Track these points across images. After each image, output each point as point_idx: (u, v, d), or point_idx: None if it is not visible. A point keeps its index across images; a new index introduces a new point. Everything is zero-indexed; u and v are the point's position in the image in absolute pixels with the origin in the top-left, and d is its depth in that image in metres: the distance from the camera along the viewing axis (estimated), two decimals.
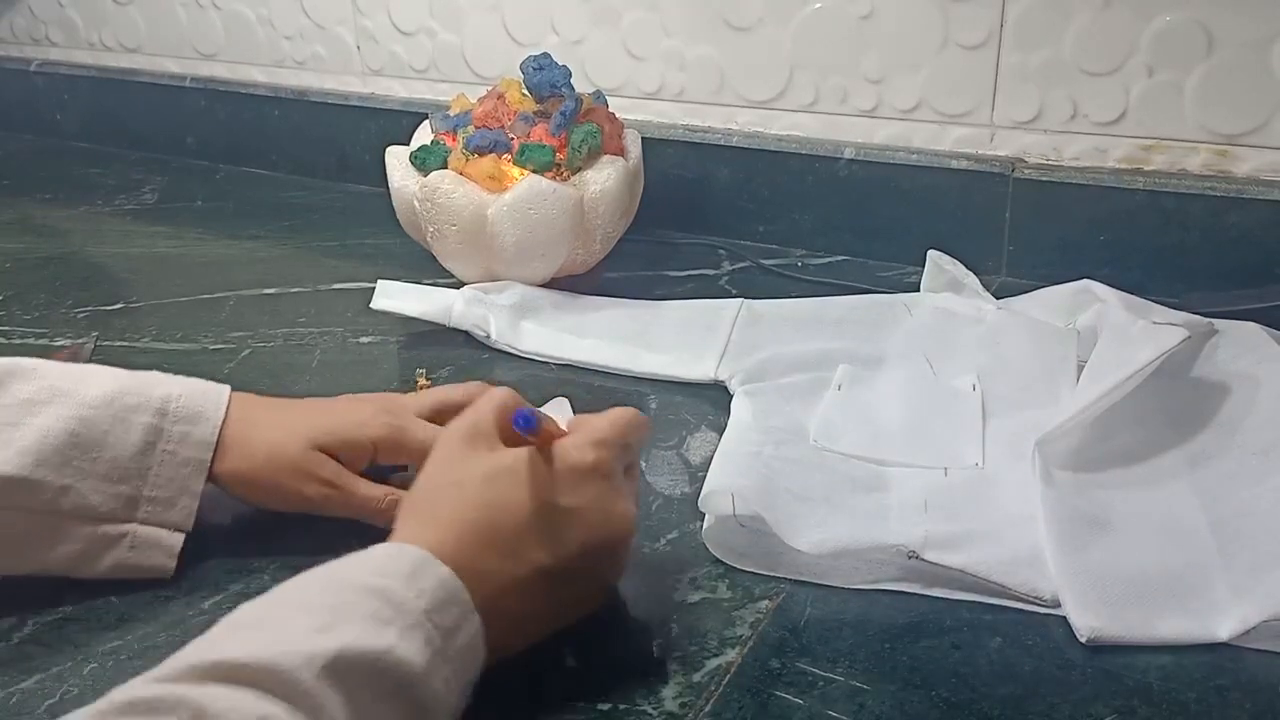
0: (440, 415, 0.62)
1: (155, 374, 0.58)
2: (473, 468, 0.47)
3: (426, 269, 0.90)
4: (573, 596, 0.49)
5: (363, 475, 0.59)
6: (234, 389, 0.59)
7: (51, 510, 0.53)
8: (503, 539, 0.46)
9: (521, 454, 0.48)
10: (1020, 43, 0.86)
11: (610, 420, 0.51)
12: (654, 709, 0.47)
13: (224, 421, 0.57)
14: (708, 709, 0.47)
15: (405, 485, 0.59)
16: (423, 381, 0.67)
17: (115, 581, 0.56)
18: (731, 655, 0.50)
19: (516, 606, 0.46)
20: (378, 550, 0.44)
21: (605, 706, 0.47)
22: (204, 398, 0.57)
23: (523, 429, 0.47)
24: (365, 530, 0.58)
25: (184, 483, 0.56)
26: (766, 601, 0.53)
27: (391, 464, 0.60)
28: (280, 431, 0.57)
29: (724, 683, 0.48)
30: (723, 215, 1.01)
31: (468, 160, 0.83)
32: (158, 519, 0.56)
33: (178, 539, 0.56)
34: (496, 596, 0.44)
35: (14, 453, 0.52)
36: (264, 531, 0.59)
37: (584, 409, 0.70)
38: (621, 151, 0.87)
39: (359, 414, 0.59)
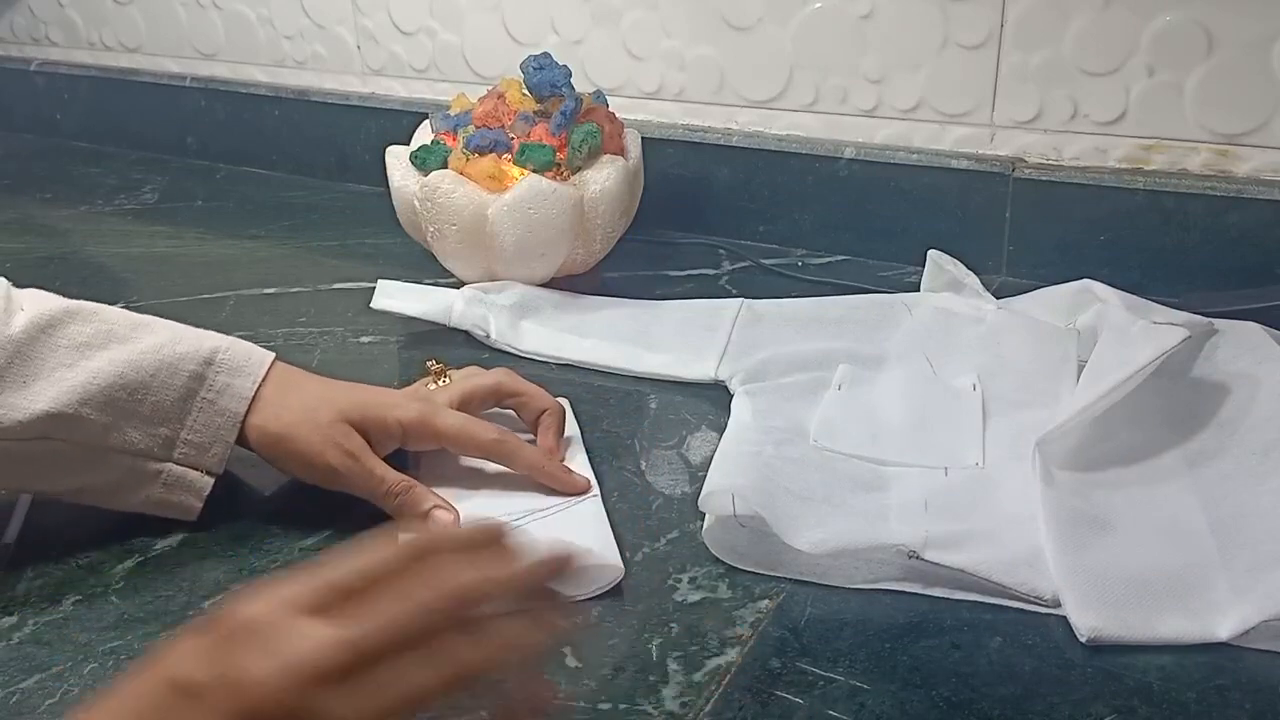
0: (467, 404, 0.64)
1: (208, 331, 0.61)
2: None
3: (426, 269, 0.90)
4: None
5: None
6: None
7: (96, 444, 0.57)
8: None
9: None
10: (1020, 43, 0.86)
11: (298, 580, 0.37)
12: (654, 709, 0.47)
13: (264, 380, 0.60)
14: (708, 709, 0.47)
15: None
16: (435, 365, 0.68)
17: (116, 581, 0.56)
18: (731, 655, 0.50)
19: None
20: None
21: (605, 706, 0.47)
22: (250, 356, 0.60)
23: None
24: (363, 528, 0.59)
25: (218, 431, 0.59)
26: (766, 601, 0.53)
27: (418, 449, 0.63)
28: (315, 399, 0.60)
29: (724, 683, 0.48)
30: (723, 215, 1.01)
31: (468, 160, 0.83)
32: (191, 461, 0.59)
33: (207, 482, 0.59)
34: None
35: (63, 391, 0.56)
36: (265, 532, 0.60)
37: (584, 409, 0.71)
38: (621, 151, 0.87)
39: (391, 397, 0.62)
